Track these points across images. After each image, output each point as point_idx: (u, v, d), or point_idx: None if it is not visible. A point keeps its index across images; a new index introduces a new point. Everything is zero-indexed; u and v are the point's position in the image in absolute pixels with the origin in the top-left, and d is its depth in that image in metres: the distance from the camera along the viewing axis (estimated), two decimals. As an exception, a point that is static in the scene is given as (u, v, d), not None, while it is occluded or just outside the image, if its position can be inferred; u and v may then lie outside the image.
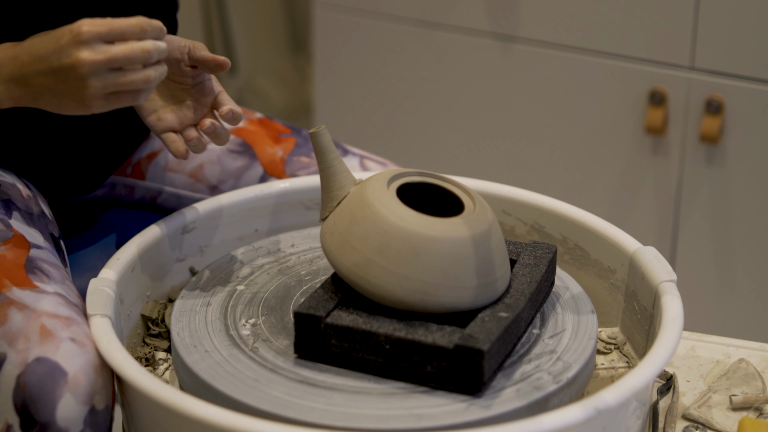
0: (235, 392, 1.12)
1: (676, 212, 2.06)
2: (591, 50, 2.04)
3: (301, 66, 2.95)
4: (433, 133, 2.22)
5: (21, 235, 1.26)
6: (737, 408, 1.26)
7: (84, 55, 1.11)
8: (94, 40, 1.12)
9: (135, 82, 1.13)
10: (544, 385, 1.13)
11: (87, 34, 1.12)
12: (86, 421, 1.12)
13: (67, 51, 1.12)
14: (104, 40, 1.12)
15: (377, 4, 2.18)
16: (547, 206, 1.38)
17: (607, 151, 2.08)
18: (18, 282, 1.19)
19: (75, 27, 1.12)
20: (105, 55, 1.12)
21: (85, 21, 1.12)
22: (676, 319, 1.18)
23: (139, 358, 1.29)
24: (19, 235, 1.26)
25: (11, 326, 1.15)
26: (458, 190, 1.22)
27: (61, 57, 1.12)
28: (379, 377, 1.14)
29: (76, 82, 1.13)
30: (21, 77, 1.15)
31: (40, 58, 1.14)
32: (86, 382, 1.13)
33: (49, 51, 1.13)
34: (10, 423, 1.12)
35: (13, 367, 1.13)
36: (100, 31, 1.12)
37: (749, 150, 1.97)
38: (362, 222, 1.16)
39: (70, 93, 1.14)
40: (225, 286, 1.29)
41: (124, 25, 1.13)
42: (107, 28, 1.12)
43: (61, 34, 1.13)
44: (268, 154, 1.51)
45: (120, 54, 1.12)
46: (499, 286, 1.18)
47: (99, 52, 1.12)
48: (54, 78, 1.13)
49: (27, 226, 1.29)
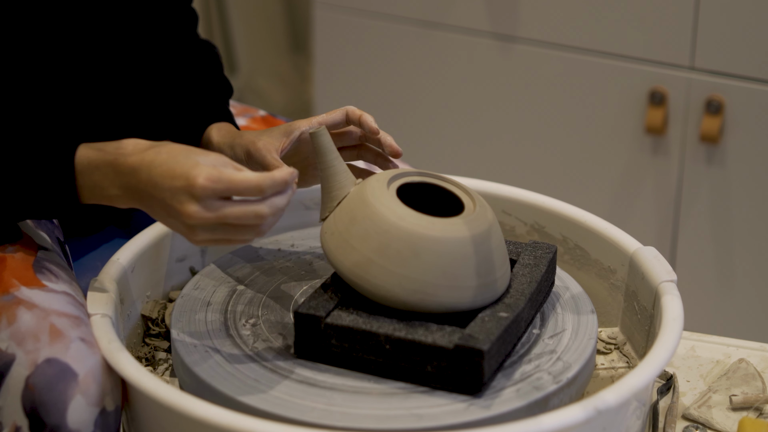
0: (235, 392, 1.12)
1: (676, 212, 2.06)
2: (591, 50, 2.04)
3: (301, 66, 2.95)
4: (433, 132, 2.22)
5: (29, 237, 1.26)
6: (737, 408, 1.26)
7: (193, 209, 1.09)
8: (208, 197, 1.09)
9: (244, 239, 1.11)
10: (544, 385, 1.13)
11: (201, 190, 1.08)
12: (97, 422, 1.12)
13: (179, 197, 1.09)
14: (219, 197, 1.09)
15: (377, 4, 2.18)
16: (547, 206, 1.38)
17: (607, 151, 2.08)
18: (26, 281, 1.19)
19: (192, 174, 1.08)
20: (215, 213, 1.09)
21: (203, 173, 1.08)
22: (676, 319, 1.18)
23: (139, 358, 1.29)
24: (27, 236, 1.26)
25: (20, 326, 1.14)
26: (458, 190, 1.22)
27: (173, 200, 1.10)
28: (379, 377, 1.14)
29: (183, 225, 1.11)
30: (137, 191, 1.13)
31: (156, 185, 1.11)
32: (97, 383, 1.12)
33: (164, 185, 1.10)
34: (18, 425, 1.11)
35: (22, 368, 1.12)
36: (216, 188, 1.09)
37: (749, 150, 1.97)
38: (362, 222, 1.16)
39: (178, 227, 1.12)
40: (225, 286, 1.29)
41: (242, 186, 1.09)
42: (224, 186, 1.09)
43: (180, 172, 1.09)
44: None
45: (231, 215, 1.09)
46: (499, 286, 1.18)
47: (210, 209, 1.09)
48: (165, 210, 1.11)
49: (34, 228, 1.28)
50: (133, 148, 1.14)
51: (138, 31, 1.37)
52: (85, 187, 1.16)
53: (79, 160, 1.15)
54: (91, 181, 1.15)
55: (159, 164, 1.11)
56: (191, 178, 1.09)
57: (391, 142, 1.28)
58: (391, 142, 1.28)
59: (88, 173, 1.15)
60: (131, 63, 1.37)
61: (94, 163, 1.15)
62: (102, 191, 1.15)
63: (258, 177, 1.09)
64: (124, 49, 1.36)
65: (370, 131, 1.27)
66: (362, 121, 1.27)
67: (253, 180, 1.09)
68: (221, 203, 1.09)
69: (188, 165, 1.10)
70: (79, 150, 1.16)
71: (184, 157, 1.11)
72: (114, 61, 1.36)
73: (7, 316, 1.15)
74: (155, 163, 1.11)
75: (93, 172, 1.15)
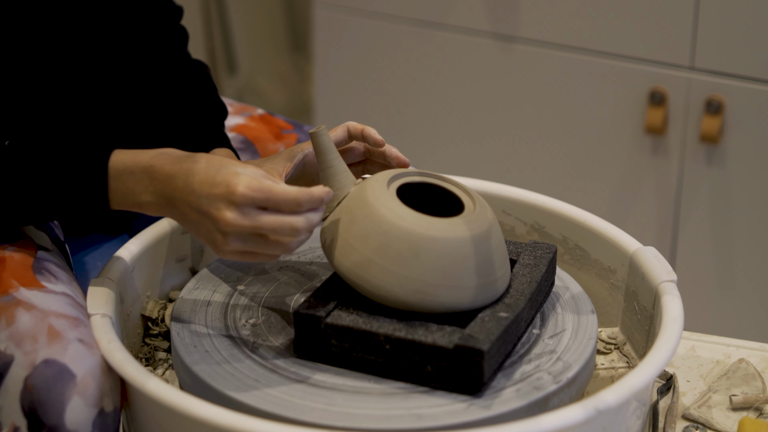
0: (235, 392, 1.12)
1: (676, 212, 2.06)
2: (591, 50, 2.04)
3: (301, 66, 2.95)
4: (433, 132, 2.22)
5: (29, 236, 1.26)
6: (737, 408, 1.26)
7: (231, 216, 1.09)
8: (247, 206, 1.10)
9: (273, 254, 1.12)
10: (544, 385, 1.13)
11: (241, 197, 1.09)
12: (95, 423, 1.12)
13: (216, 203, 1.10)
14: (257, 206, 1.10)
15: (377, 4, 2.18)
16: (547, 206, 1.38)
17: (607, 151, 2.08)
18: (25, 282, 1.19)
19: (233, 182, 1.10)
20: (252, 222, 1.10)
21: (243, 181, 1.09)
22: (676, 319, 1.18)
23: (139, 358, 1.29)
24: (26, 236, 1.26)
25: (19, 327, 1.15)
26: (458, 190, 1.22)
27: (210, 206, 1.10)
28: (379, 377, 1.14)
29: (217, 233, 1.11)
30: (171, 199, 1.14)
31: (192, 192, 1.12)
32: (95, 384, 1.12)
33: (202, 192, 1.11)
34: (17, 426, 1.11)
35: (20, 369, 1.12)
36: (255, 197, 1.09)
37: (749, 150, 1.97)
38: (362, 222, 1.16)
39: (209, 236, 1.12)
40: (225, 286, 1.29)
41: (281, 197, 1.10)
42: (264, 196, 1.10)
43: (220, 180, 1.10)
44: (269, 151, 1.51)
45: (267, 225, 1.10)
46: (499, 286, 1.18)
47: (247, 217, 1.09)
48: (199, 216, 1.12)
49: (34, 228, 1.28)
50: (169, 157, 1.15)
51: (127, 50, 1.37)
52: (117, 191, 1.16)
53: (114, 164, 1.16)
54: (123, 186, 1.15)
55: (197, 172, 1.12)
56: (231, 185, 1.09)
57: (398, 154, 1.27)
58: (397, 153, 1.27)
59: (122, 178, 1.15)
60: (123, 85, 1.38)
61: (129, 169, 1.15)
62: (134, 197, 1.15)
63: (297, 190, 1.10)
64: (115, 70, 1.37)
65: (375, 143, 1.27)
66: (365, 134, 1.27)
67: (291, 193, 1.10)
68: (258, 212, 1.10)
69: (228, 174, 1.10)
70: (114, 154, 1.16)
71: (223, 166, 1.12)
72: (106, 84, 1.36)
73: (6, 317, 1.15)
74: (193, 171, 1.12)
75: (126, 178, 1.15)
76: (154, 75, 1.40)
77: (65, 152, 1.17)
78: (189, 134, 1.35)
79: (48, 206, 1.17)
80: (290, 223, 1.10)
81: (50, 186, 1.16)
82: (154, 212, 1.16)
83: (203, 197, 1.11)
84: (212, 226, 1.11)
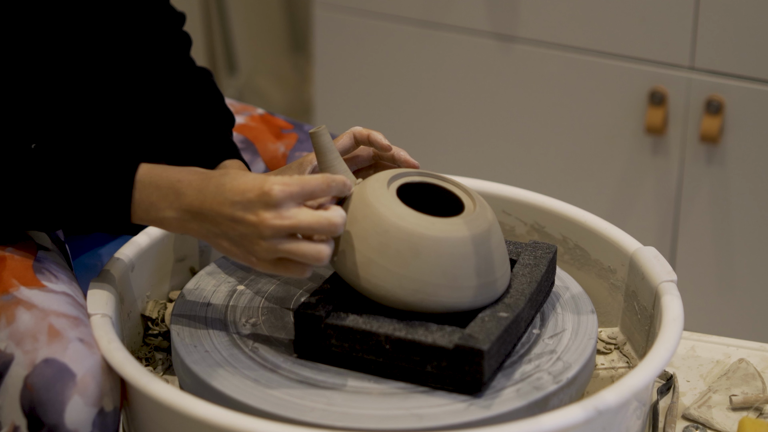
0: (235, 392, 1.12)
1: (676, 212, 2.06)
2: (591, 50, 2.04)
3: (301, 66, 2.95)
4: (433, 133, 2.22)
5: (29, 236, 1.26)
6: (737, 408, 1.26)
7: (269, 216, 1.09)
8: (285, 203, 1.09)
9: (307, 256, 1.10)
10: (544, 385, 1.13)
11: (277, 196, 1.09)
12: (95, 423, 1.12)
13: (252, 207, 1.09)
14: (295, 201, 1.09)
15: (377, 4, 2.18)
16: (547, 206, 1.38)
17: (607, 151, 2.08)
18: (26, 281, 1.19)
19: (266, 185, 1.09)
20: (291, 221, 1.09)
21: (276, 180, 1.09)
22: (676, 319, 1.18)
23: (139, 358, 1.29)
24: (27, 236, 1.26)
25: (19, 326, 1.15)
26: (458, 190, 1.22)
27: (246, 211, 1.10)
28: (379, 377, 1.14)
29: (252, 238, 1.10)
30: (200, 212, 1.13)
31: (225, 202, 1.11)
32: (95, 383, 1.12)
33: (235, 199, 1.10)
34: (17, 425, 1.11)
35: (20, 368, 1.12)
36: (292, 191, 1.09)
37: (749, 150, 1.97)
38: (362, 222, 1.16)
39: (242, 245, 1.11)
40: (225, 286, 1.29)
41: (313, 184, 1.10)
42: (299, 187, 1.09)
43: (251, 185, 1.10)
44: (269, 151, 1.51)
45: (304, 222, 1.09)
46: (499, 286, 1.18)
47: (286, 217, 1.09)
48: (231, 226, 1.11)
49: None
50: (196, 173, 1.14)
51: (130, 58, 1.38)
52: (140, 204, 1.15)
53: (140, 177, 1.15)
54: (148, 200, 1.15)
55: (226, 182, 1.11)
56: (265, 187, 1.09)
57: (407, 157, 1.27)
58: (406, 156, 1.27)
59: (147, 191, 1.15)
60: (128, 95, 1.38)
61: (155, 183, 1.14)
62: (157, 212, 1.15)
63: (322, 176, 1.11)
64: (119, 79, 1.37)
65: (382, 148, 1.26)
66: (372, 139, 1.26)
67: (318, 177, 1.11)
68: (297, 210, 1.09)
69: (259, 179, 1.10)
70: (141, 167, 1.16)
71: (249, 175, 1.11)
72: (110, 93, 1.36)
73: (6, 316, 1.15)
74: (222, 182, 1.12)
75: (151, 192, 1.14)
76: (159, 83, 1.40)
77: (91, 160, 1.16)
78: (197, 144, 1.35)
79: (69, 213, 1.16)
80: (328, 219, 1.09)
81: (74, 193, 1.15)
82: (175, 229, 1.15)
83: (237, 204, 1.10)
84: (250, 231, 1.10)
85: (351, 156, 1.29)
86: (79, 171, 1.16)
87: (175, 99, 1.38)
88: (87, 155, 1.18)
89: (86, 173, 1.15)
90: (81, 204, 1.15)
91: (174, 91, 1.39)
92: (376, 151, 1.29)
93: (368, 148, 1.29)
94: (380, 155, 1.29)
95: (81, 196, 1.15)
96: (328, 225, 1.10)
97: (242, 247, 1.11)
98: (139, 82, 1.39)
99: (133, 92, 1.39)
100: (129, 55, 1.39)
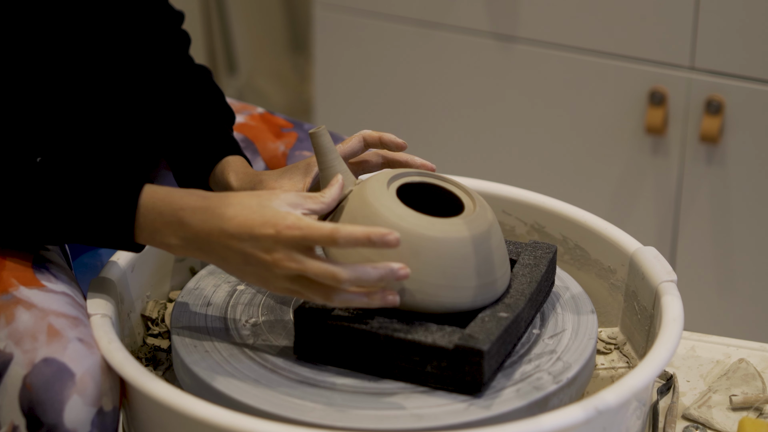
0: (235, 392, 1.12)
1: (676, 212, 2.06)
2: (591, 50, 2.04)
3: (301, 66, 2.95)
4: (432, 133, 2.22)
5: None
6: (737, 408, 1.26)
7: (279, 257, 1.08)
8: (293, 246, 1.08)
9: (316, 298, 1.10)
10: (544, 385, 1.13)
11: (288, 240, 1.08)
12: (94, 422, 1.12)
13: (265, 244, 1.09)
14: (301, 246, 1.08)
15: (377, 4, 2.18)
16: (547, 206, 1.38)
17: (607, 151, 2.08)
18: (25, 281, 1.19)
19: (280, 220, 1.08)
20: (299, 265, 1.08)
21: (291, 218, 1.08)
22: (676, 319, 1.18)
23: (139, 358, 1.29)
24: None
25: (18, 325, 1.15)
26: (458, 190, 1.22)
27: (257, 248, 1.09)
28: (379, 377, 1.14)
29: (265, 272, 1.10)
30: (207, 243, 1.12)
31: (232, 237, 1.10)
32: (94, 383, 1.12)
33: (243, 236, 1.09)
34: (16, 424, 1.11)
35: (19, 368, 1.12)
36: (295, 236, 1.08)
37: (749, 150, 1.97)
38: (362, 222, 1.16)
39: (255, 276, 1.11)
40: (225, 286, 1.29)
41: (316, 235, 1.08)
42: (301, 234, 1.07)
43: (264, 221, 1.09)
44: (269, 150, 1.51)
45: (311, 269, 1.08)
46: (499, 286, 1.18)
47: (295, 260, 1.08)
48: (243, 259, 1.11)
49: None
50: (198, 198, 1.13)
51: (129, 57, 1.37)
52: (144, 228, 1.14)
53: (144, 201, 1.14)
54: (152, 225, 1.14)
55: (232, 217, 1.10)
56: (280, 223, 1.08)
57: (423, 162, 1.26)
58: (422, 161, 1.26)
59: (151, 216, 1.14)
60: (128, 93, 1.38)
61: (158, 209, 1.14)
62: (162, 238, 1.14)
63: (332, 226, 1.08)
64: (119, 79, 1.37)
65: (397, 147, 1.25)
66: (384, 141, 1.25)
67: (326, 229, 1.08)
68: (304, 256, 1.08)
69: (268, 215, 1.09)
70: (146, 190, 1.15)
71: (259, 206, 1.10)
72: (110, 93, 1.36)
73: (6, 316, 1.15)
74: (227, 216, 1.11)
75: (155, 218, 1.14)
76: (159, 81, 1.40)
77: (95, 178, 1.16)
78: (199, 140, 1.35)
79: (73, 234, 1.16)
80: (332, 272, 1.08)
81: (78, 216, 1.15)
82: (181, 254, 1.15)
83: (246, 241, 1.09)
84: (258, 267, 1.10)
85: (359, 161, 1.28)
86: (83, 191, 1.15)
87: (175, 96, 1.38)
88: (91, 169, 1.17)
89: (90, 194, 1.15)
90: (85, 228, 1.15)
91: (174, 89, 1.39)
92: (385, 157, 1.28)
93: (378, 153, 1.28)
94: (392, 161, 1.28)
95: (85, 219, 1.15)
96: (331, 278, 1.08)
97: (257, 276, 1.11)
98: (138, 80, 1.39)
99: (133, 91, 1.39)
100: (128, 54, 1.39)
